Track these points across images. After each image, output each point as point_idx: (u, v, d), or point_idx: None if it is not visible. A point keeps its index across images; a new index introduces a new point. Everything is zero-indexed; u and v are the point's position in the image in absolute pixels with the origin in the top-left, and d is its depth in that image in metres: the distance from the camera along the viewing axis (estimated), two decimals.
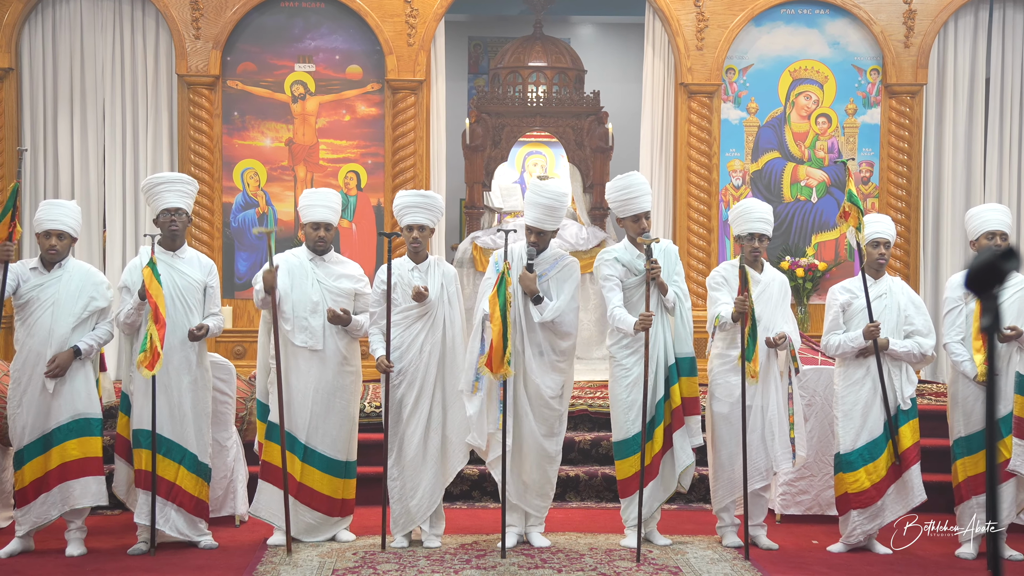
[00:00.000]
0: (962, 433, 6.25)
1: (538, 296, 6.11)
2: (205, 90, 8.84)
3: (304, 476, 6.27)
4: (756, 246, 6.25)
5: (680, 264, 6.34)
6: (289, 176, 8.99)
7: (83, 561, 5.98)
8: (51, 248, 6.08)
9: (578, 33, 13.27)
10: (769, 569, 5.84)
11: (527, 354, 6.15)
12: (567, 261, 6.28)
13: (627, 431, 6.19)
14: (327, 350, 6.29)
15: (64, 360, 6.03)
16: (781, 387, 6.25)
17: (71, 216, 6.17)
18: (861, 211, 6.19)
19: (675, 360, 6.20)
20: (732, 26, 9.03)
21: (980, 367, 6.09)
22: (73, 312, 6.08)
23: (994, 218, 6.36)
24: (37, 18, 8.90)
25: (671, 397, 6.18)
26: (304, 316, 6.26)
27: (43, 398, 6.05)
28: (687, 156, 9.08)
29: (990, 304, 1.92)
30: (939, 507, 6.64)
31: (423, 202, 6.32)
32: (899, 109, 9.12)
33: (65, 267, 6.14)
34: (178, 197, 6.20)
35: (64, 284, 6.09)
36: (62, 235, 6.10)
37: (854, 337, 6.21)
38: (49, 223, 6.10)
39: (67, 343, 6.06)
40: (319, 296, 6.30)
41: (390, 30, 8.93)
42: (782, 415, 6.23)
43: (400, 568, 5.78)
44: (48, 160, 8.95)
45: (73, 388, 6.09)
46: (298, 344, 6.26)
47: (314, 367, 6.28)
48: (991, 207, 6.53)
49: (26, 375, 6.07)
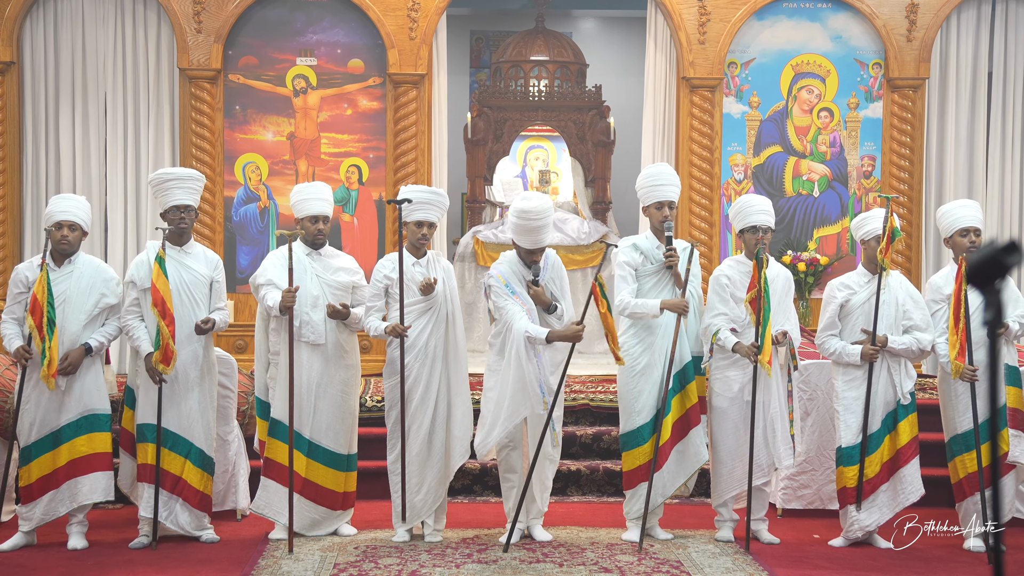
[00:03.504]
0: (957, 430, 6.25)
1: (553, 306, 6.17)
2: (207, 84, 8.84)
3: (309, 472, 6.26)
4: (760, 238, 6.25)
5: (698, 266, 6.36)
6: (291, 170, 8.98)
7: (85, 555, 5.99)
8: (63, 239, 6.08)
9: (580, 27, 13.25)
10: (770, 563, 5.84)
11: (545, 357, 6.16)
12: (553, 259, 6.32)
13: (634, 422, 6.20)
14: (328, 344, 6.29)
15: (76, 358, 6.03)
16: (782, 383, 6.26)
17: (82, 209, 6.19)
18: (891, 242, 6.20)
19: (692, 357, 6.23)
20: (734, 20, 9.02)
21: (954, 364, 6.07)
22: (84, 309, 6.09)
23: (967, 215, 6.33)
24: (39, 12, 8.90)
25: (687, 392, 6.20)
26: (305, 311, 6.25)
27: (53, 395, 6.04)
28: (689, 150, 9.08)
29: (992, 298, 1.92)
30: (941, 502, 6.63)
31: (433, 199, 6.31)
32: (901, 103, 9.11)
33: (76, 263, 6.14)
34: (187, 194, 6.18)
35: (75, 281, 6.09)
36: (74, 226, 6.11)
37: (851, 353, 6.20)
38: (61, 214, 6.10)
39: (78, 340, 6.06)
40: (319, 290, 6.29)
41: (392, 24, 8.92)
42: (783, 411, 6.24)
43: (402, 562, 5.78)
44: (50, 154, 8.95)
45: (83, 384, 6.08)
46: (300, 339, 6.26)
47: (316, 362, 6.28)
48: (962, 204, 6.49)
49: (36, 371, 6.04)
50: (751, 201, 6.35)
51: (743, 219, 6.30)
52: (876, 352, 6.15)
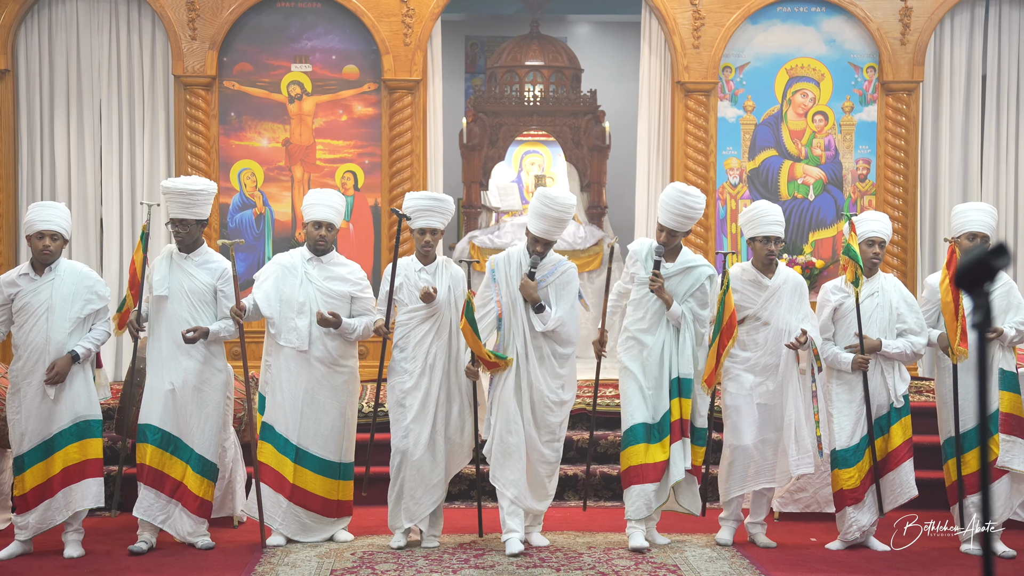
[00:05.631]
0: (952, 432, 6.26)
1: (540, 304, 6.09)
2: (201, 91, 8.84)
3: (297, 478, 6.26)
4: (772, 248, 6.23)
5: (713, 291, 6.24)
6: (286, 176, 8.99)
7: (81, 562, 5.98)
8: (45, 249, 6.06)
9: (575, 32, 13.27)
10: (767, 567, 5.84)
11: (530, 359, 6.11)
12: (566, 267, 6.20)
13: (627, 421, 6.16)
14: (314, 351, 6.27)
15: (63, 366, 6.02)
16: (804, 387, 6.20)
17: (63, 217, 6.15)
18: (860, 267, 6.18)
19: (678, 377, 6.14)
20: (728, 24, 9.04)
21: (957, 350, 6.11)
22: (68, 317, 6.06)
23: (978, 219, 6.33)
24: (33, 19, 8.90)
25: (671, 409, 6.13)
26: (290, 316, 6.24)
27: (43, 404, 6.04)
28: (684, 154, 9.08)
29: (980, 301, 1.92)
30: (937, 504, 6.64)
31: (437, 205, 6.29)
32: (896, 106, 9.12)
33: (57, 270, 6.11)
34: (180, 208, 6.12)
35: (57, 288, 6.06)
36: (55, 236, 6.08)
37: (843, 361, 6.21)
38: (42, 223, 6.08)
39: (64, 348, 6.04)
40: (305, 297, 6.27)
41: (386, 30, 8.93)
42: (808, 415, 6.15)
43: (398, 568, 5.78)
44: (45, 161, 8.95)
45: (73, 392, 6.07)
46: (283, 344, 6.25)
47: (302, 368, 6.26)
48: (977, 207, 6.48)
49: (24, 381, 6.05)
50: (767, 209, 6.26)
51: (756, 227, 6.23)
52: (866, 362, 6.16)
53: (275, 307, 6.28)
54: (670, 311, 6.10)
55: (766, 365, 6.20)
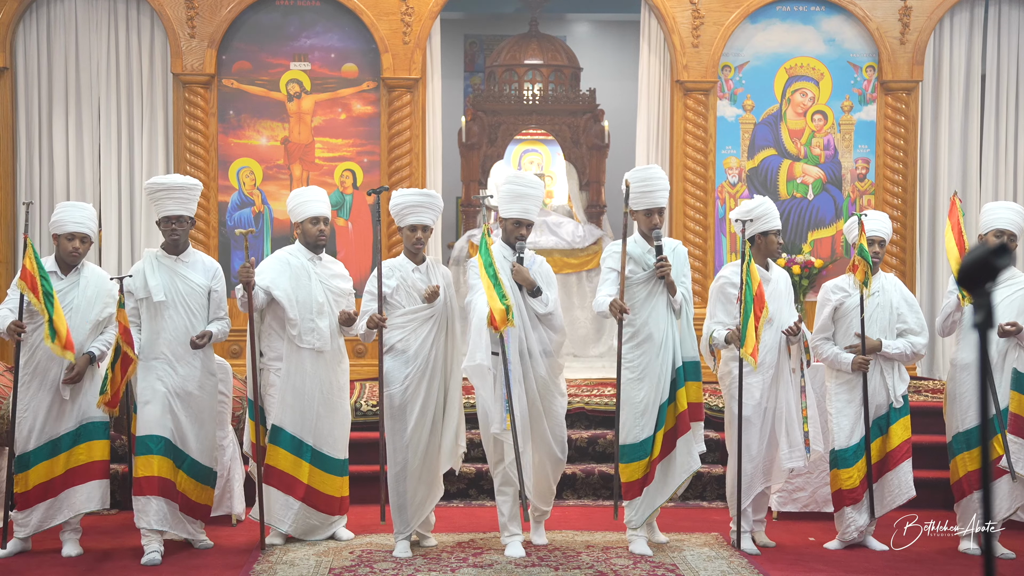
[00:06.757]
0: (960, 429, 6.25)
1: (537, 287, 6.04)
2: (200, 89, 8.83)
3: (312, 479, 6.22)
4: (781, 242, 6.27)
5: (688, 266, 6.21)
6: (285, 175, 8.98)
7: (79, 561, 5.97)
8: (75, 251, 6.06)
9: (574, 31, 13.26)
10: (766, 567, 5.84)
11: (534, 353, 6.07)
12: (540, 259, 6.22)
13: (636, 435, 6.02)
14: (329, 351, 6.27)
15: (82, 366, 6.01)
16: (793, 383, 6.18)
17: (92, 219, 6.17)
18: (870, 265, 6.18)
19: (682, 363, 6.08)
20: (728, 23, 9.03)
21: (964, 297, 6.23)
22: (89, 319, 6.07)
23: (1005, 216, 6.33)
24: (32, 17, 8.89)
25: (677, 401, 6.05)
26: (311, 318, 6.21)
27: (55, 403, 6.02)
28: (683, 153, 9.08)
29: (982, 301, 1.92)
30: (937, 504, 6.64)
31: (427, 201, 6.18)
32: (895, 106, 9.12)
33: (82, 272, 6.12)
34: (177, 204, 6.06)
35: (82, 290, 6.07)
36: (85, 238, 6.08)
37: (843, 362, 6.20)
38: (74, 225, 6.06)
39: (83, 349, 6.04)
40: (323, 297, 6.26)
41: (385, 28, 8.92)
42: (796, 411, 6.14)
43: (397, 567, 5.77)
44: (43, 160, 8.93)
45: (83, 393, 6.06)
46: (304, 346, 6.20)
47: (320, 368, 6.24)
48: (1007, 205, 6.48)
49: (37, 379, 6.02)
50: (771, 206, 6.23)
51: (767, 222, 6.18)
52: (866, 363, 6.15)
53: (295, 309, 6.22)
54: (675, 297, 6.01)
55: (770, 363, 6.17)
